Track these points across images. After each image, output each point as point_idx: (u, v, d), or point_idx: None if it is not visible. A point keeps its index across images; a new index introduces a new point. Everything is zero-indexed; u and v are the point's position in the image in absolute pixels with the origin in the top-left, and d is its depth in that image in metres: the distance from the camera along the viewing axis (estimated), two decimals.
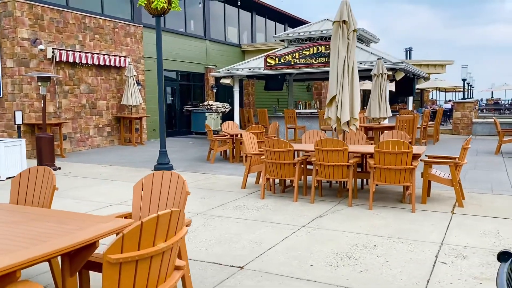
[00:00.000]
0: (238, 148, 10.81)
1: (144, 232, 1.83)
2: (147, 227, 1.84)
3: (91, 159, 11.40)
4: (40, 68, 11.97)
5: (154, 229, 1.88)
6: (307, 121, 14.48)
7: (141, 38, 15.53)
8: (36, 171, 3.93)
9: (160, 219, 1.90)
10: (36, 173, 3.89)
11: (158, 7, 8.94)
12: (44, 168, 3.95)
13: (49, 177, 3.65)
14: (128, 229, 1.77)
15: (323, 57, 13.24)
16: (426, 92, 33.22)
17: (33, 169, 3.97)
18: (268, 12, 24.51)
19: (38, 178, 3.69)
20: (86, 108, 13.48)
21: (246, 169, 7.46)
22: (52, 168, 9.48)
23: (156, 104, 16.23)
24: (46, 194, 3.62)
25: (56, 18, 12.38)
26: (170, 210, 1.94)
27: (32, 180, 3.71)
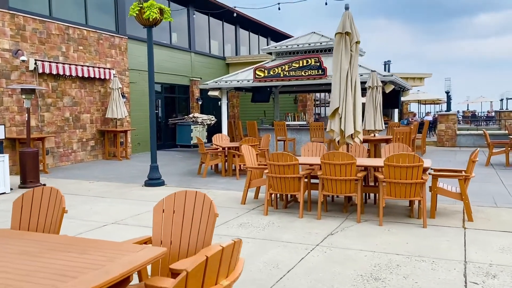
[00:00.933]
0: (230, 161, 10.53)
1: (208, 268, 1.57)
2: (211, 263, 1.58)
3: (76, 175, 10.93)
4: (22, 80, 11.48)
5: (218, 264, 1.62)
6: (296, 133, 14.34)
7: (125, 50, 15.17)
8: (41, 192, 3.59)
9: (225, 251, 1.64)
10: (41, 194, 3.55)
11: (150, 17, 8.67)
12: (50, 188, 3.62)
13: (57, 199, 3.32)
14: (192, 266, 1.50)
15: (313, 69, 13.18)
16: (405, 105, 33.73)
17: (37, 189, 3.64)
18: (252, 25, 24.49)
19: (43, 199, 3.36)
20: (70, 122, 12.99)
21: (246, 183, 7.20)
22: (36, 185, 9.05)
23: (141, 117, 15.86)
24: (54, 217, 3.29)
25: (39, 29, 11.94)
26: (233, 241, 1.69)
27: (37, 202, 3.37)
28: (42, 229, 3.47)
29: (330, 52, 14.37)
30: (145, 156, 15.11)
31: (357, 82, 6.62)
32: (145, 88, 16.37)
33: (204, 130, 18.76)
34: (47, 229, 3.33)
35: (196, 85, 19.51)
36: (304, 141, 14.30)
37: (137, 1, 8.82)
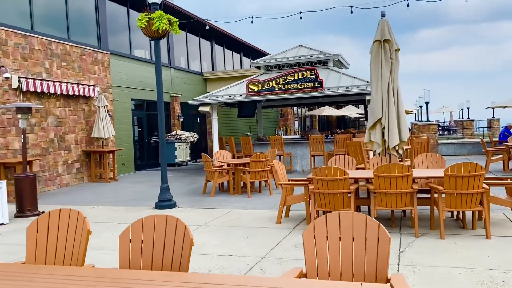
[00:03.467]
0: (238, 179, 10.06)
1: None
2: None
3: (68, 200, 10.05)
4: (5, 100, 10.53)
5: None
6: (291, 147, 14.06)
7: (108, 66, 14.42)
8: (58, 216, 3.06)
9: None
10: (58, 218, 3.02)
11: (160, 29, 8.16)
12: (69, 210, 3.09)
13: (79, 221, 2.84)
14: None
15: (309, 82, 13.01)
16: None
17: (54, 212, 3.10)
18: (226, 41, 24.22)
19: (61, 224, 2.86)
20: (54, 143, 12.05)
21: (282, 201, 6.77)
22: (35, 213, 8.19)
23: (124, 136, 15.09)
24: (75, 246, 2.80)
25: (21, 44, 11.06)
26: None
27: (54, 227, 2.86)
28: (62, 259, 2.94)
29: (321, 64, 14.32)
30: (132, 177, 14.31)
31: (399, 91, 6.42)
32: (128, 106, 15.65)
33: (187, 147, 18.13)
34: (68, 259, 2.85)
35: (177, 101, 18.90)
36: (300, 155, 14.06)
37: (145, 12, 8.30)
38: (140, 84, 16.36)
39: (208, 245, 5.70)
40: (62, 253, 2.88)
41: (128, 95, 15.69)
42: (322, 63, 14.37)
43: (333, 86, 12.95)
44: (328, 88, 12.91)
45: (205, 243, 5.79)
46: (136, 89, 16.11)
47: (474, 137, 32.22)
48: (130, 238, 2.72)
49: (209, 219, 7.34)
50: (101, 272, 2.53)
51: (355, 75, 13.39)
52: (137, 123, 16.40)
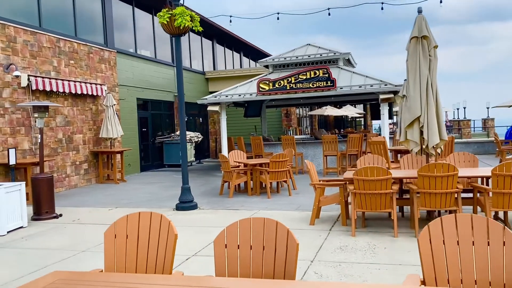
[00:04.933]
0: (257, 179, 9.86)
1: None
2: None
3: (81, 202, 9.76)
4: (14, 98, 10.21)
5: None
6: (302, 147, 13.89)
7: (115, 64, 14.12)
8: (137, 219, 2.86)
9: None
10: (138, 221, 2.82)
11: (181, 25, 7.94)
12: (150, 214, 2.89)
13: (162, 226, 2.65)
14: None
15: (321, 81, 12.87)
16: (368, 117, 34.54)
17: (133, 216, 2.90)
18: (227, 40, 23.99)
19: (142, 228, 2.67)
20: (63, 143, 11.73)
21: (315, 202, 6.60)
22: (53, 216, 7.91)
23: (130, 136, 14.80)
24: (160, 251, 2.61)
25: (30, 41, 10.74)
26: None
27: (133, 232, 2.67)
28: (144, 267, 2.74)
29: (330, 63, 14.17)
30: (139, 178, 14.03)
31: (437, 89, 6.28)
32: (133, 105, 15.37)
33: (192, 148, 17.87)
34: (151, 266, 2.64)
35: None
36: (311, 155, 13.90)
37: (166, 8, 8.07)
38: (145, 83, 16.08)
39: None
40: (144, 259, 2.67)
41: (134, 94, 15.40)
42: (332, 62, 14.23)
43: (346, 85, 12.82)
44: (340, 87, 12.78)
45: None
46: (141, 88, 15.83)
47: (471, 136, 32.43)
48: (225, 242, 2.52)
49: None
50: (196, 281, 2.32)
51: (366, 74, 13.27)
52: (142, 123, 16.10)
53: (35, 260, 5.39)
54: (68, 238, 6.48)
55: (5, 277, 4.74)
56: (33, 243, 6.25)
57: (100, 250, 5.76)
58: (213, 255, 2.55)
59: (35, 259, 5.43)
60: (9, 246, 6.13)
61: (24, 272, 4.92)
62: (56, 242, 6.27)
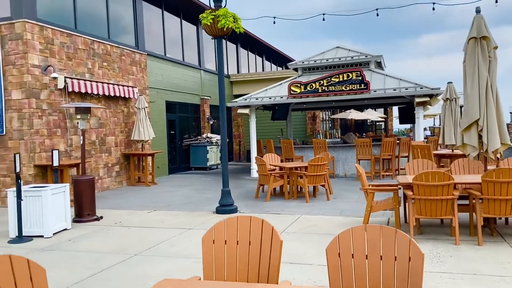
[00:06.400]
0: (294, 183, 9.70)
1: None
2: None
3: (117, 204, 9.71)
4: (51, 100, 10.23)
5: None
6: (333, 151, 13.68)
7: (145, 67, 14.12)
8: (236, 224, 2.72)
9: None
10: (237, 226, 2.68)
11: (225, 27, 7.83)
12: (250, 218, 2.75)
13: (264, 231, 2.51)
14: None
15: (355, 84, 12.68)
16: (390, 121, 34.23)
17: (231, 220, 2.77)
18: (251, 43, 23.91)
19: (242, 233, 2.53)
20: (96, 145, 11.73)
21: (368, 208, 6.41)
22: (94, 218, 7.85)
23: (159, 139, 14.75)
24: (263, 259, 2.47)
25: (66, 43, 10.77)
26: None
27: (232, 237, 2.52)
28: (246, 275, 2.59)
29: (361, 66, 13.97)
30: (168, 181, 13.98)
31: (498, 91, 6.06)
32: (162, 108, 15.36)
33: (218, 150, 17.80)
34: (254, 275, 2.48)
35: (207, 103, 18.58)
36: (342, 159, 13.69)
37: (209, 9, 7.98)
38: (173, 86, 16.06)
39: (308, 254, 5.34)
40: (245, 267, 2.53)
41: (163, 97, 15.40)
42: (363, 64, 14.03)
43: (380, 88, 12.61)
44: (374, 90, 12.57)
45: (305, 252, 5.43)
46: (169, 91, 15.81)
47: None
48: (338, 251, 2.37)
49: (283, 226, 6.99)
50: None
51: None
52: (170, 126, 16.07)
53: (89, 263, 5.30)
54: (115, 241, 6.39)
55: (65, 281, 4.65)
56: (82, 246, 6.18)
57: (151, 254, 5.67)
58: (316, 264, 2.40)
59: (89, 263, 5.34)
60: (58, 249, 6.07)
61: (82, 276, 4.84)
62: (104, 245, 6.19)
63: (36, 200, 6.77)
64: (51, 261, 5.43)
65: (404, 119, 17.62)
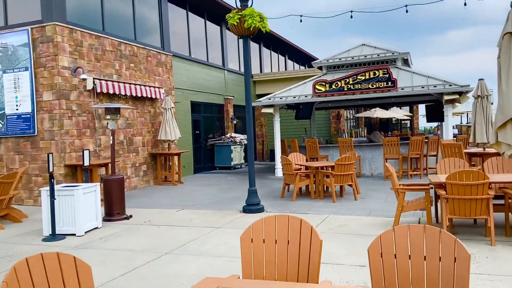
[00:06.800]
0: (321, 182, 9.63)
1: None
2: None
3: (145, 203, 9.83)
4: (80, 101, 10.45)
5: None
6: (359, 150, 13.52)
7: (171, 68, 14.26)
8: (273, 223, 2.69)
9: None
10: (275, 225, 2.65)
11: (251, 26, 7.84)
12: (288, 217, 2.73)
13: (303, 230, 2.48)
14: None
15: (381, 81, 12.50)
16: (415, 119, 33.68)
17: (269, 219, 2.74)
18: (274, 43, 23.86)
19: (280, 232, 2.49)
20: (124, 145, 11.92)
21: (399, 207, 6.31)
22: (123, 217, 7.97)
23: (184, 139, 14.87)
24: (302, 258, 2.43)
25: (95, 45, 10.97)
26: None
27: (271, 236, 2.49)
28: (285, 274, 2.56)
29: (388, 63, 13.77)
30: (194, 180, 14.09)
31: None
32: (187, 108, 15.49)
33: (242, 150, 17.85)
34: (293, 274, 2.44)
35: (230, 103, 18.65)
36: (369, 158, 13.52)
37: (236, 9, 8.00)
38: (197, 86, 16.18)
39: (337, 254, 5.30)
40: (284, 266, 2.52)
41: (188, 97, 15.53)
42: (389, 62, 13.83)
43: (407, 86, 12.40)
44: (401, 88, 12.37)
45: (334, 252, 5.38)
46: (194, 91, 15.93)
47: None
48: (381, 251, 2.33)
49: None
50: None
51: None
52: (195, 126, 16.20)
53: (121, 262, 5.39)
54: (146, 239, 6.48)
55: (99, 279, 4.73)
56: (113, 244, 6.28)
57: (181, 252, 5.72)
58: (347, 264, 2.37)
59: (122, 261, 5.43)
60: (91, 247, 6.19)
61: (116, 274, 4.92)
62: (135, 243, 6.28)
63: (68, 199, 6.92)
64: (84, 259, 5.52)
65: (432, 117, 17.29)
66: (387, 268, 2.30)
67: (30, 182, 10.12)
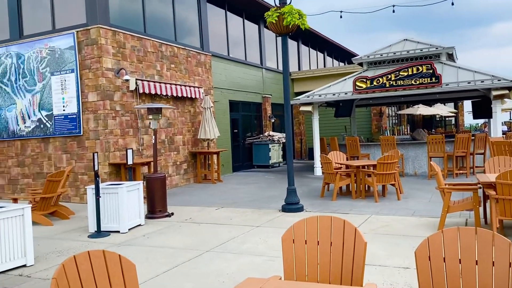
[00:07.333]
0: (362, 182, 9.44)
1: None
2: None
3: (186, 201, 9.98)
4: (123, 101, 10.74)
5: None
6: (401, 148, 13.16)
7: (210, 68, 14.41)
8: (315, 223, 2.61)
9: None
10: (317, 225, 2.57)
11: (290, 24, 7.77)
12: (330, 218, 2.64)
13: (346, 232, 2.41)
14: None
15: (425, 77, 12.10)
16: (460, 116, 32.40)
17: (311, 219, 2.66)
18: (312, 40, 23.63)
19: (323, 233, 2.40)
20: (165, 144, 12.17)
21: (445, 208, 6.07)
22: (165, 215, 8.12)
23: (223, 137, 14.98)
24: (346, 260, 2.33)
25: (137, 46, 11.25)
26: None
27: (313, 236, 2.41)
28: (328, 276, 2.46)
29: (432, 59, 13.30)
30: (233, 178, 14.17)
31: None
32: (226, 107, 15.60)
33: (280, 148, 17.81)
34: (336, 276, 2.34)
35: (268, 102, 18.63)
36: (412, 157, 13.13)
37: (274, 7, 7.97)
38: (235, 85, 16.27)
39: (380, 255, 5.17)
40: (327, 268, 2.47)
41: (226, 96, 15.65)
42: (433, 57, 13.35)
43: (452, 82, 11.94)
44: (446, 84, 11.93)
45: (376, 253, 5.25)
46: (233, 90, 16.03)
47: None
48: (429, 255, 2.23)
49: None
50: None
51: None
52: (233, 124, 16.30)
53: (164, 259, 5.49)
54: (187, 237, 6.57)
55: (142, 275, 4.84)
56: (156, 241, 6.41)
57: (221, 250, 5.76)
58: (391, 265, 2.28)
59: (164, 258, 5.53)
60: (134, 244, 6.35)
61: (159, 271, 5.02)
62: (177, 241, 6.38)
63: (112, 197, 7.13)
64: (128, 256, 5.68)
65: (479, 113, 16.57)
66: (436, 272, 2.21)
67: (76, 180, 10.52)
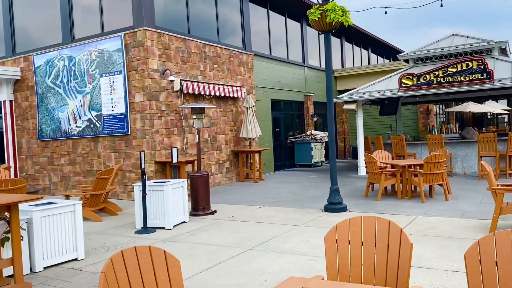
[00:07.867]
0: (408, 182, 9.17)
1: None
2: None
3: (229, 199, 10.09)
4: (168, 102, 11.00)
5: None
6: (450, 147, 12.68)
7: (252, 67, 14.49)
8: (359, 224, 2.53)
9: None
10: (361, 226, 2.49)
11: (334, 21, 7.67)
12: (375, 218, 2.56)
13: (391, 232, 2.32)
14: None
15: (475, 73, 11.59)
16: None
17: (355, 220, 2.58)
18: (356, 36, 23.21)
19: (366, 234, 2.32)
20: (208, 143, 12.36)
21: (497, 209, 5.80)
22: (208, 212, 8.25)
23: (264, 136, 15.01)
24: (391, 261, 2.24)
25: (181, 48, 11.49)
26: None
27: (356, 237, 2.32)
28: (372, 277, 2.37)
29: (482, 54, 12.71)
30: (275, 177, 14.18)
31: None
32: (268, 106, 15.63)
33: (322, 147, 17.63)
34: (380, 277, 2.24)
35: (311, 100, 18.49)
36: (461, 156, 12.62)
37: (317, 4, 7.89)
38: (277, 84, 16.26)
39: (427, 257, 5.01)
40: (371, 269, 2.42)
41: (268, 95, 15.67)
42: (484, 52, 12.77)
43: (506, 77, 11.37)
44: (499, 80, 11.37)
45: (423, 255, 5.10)
46: (274, 89, 16.04)
47: None
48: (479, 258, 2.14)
49: None
50: None
51: None
52: (275, 123, 16.31)
53: (207, 256, 5.58)
54: (230, 234, 6.65)
55: (187, 272, 4.94)
56: (199, 238, 6.53)
57: (264, 249, 5.78)
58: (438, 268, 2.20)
59: (207, 255, 5.62)
60: (179, 240, 6.49)
61: (202, 268, 5.11)
62: (220, 238, 6.47)
63: (158, 194, 7.33)
64: (173, 252, 5.82)
65: None
66: (487, 276, 2.11)
67: (124, 178, 10.89)
